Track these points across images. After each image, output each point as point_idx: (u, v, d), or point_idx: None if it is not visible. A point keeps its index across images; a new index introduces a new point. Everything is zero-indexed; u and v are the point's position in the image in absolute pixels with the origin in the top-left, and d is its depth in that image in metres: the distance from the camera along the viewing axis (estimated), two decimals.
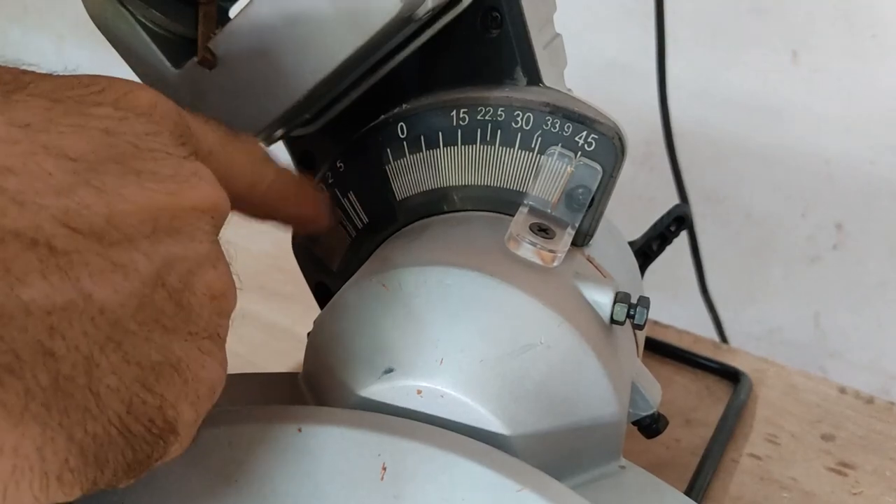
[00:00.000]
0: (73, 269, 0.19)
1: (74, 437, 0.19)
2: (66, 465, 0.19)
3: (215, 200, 0.23)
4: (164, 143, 0.22)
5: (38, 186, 0.19)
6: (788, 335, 0.93)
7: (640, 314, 0.31)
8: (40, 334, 0.18)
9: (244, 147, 0.28)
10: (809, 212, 0.87)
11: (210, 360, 0.23)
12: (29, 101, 0.20)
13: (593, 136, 0.32)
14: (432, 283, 0.30)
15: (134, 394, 0.20)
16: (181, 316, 0.21)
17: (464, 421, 0.28)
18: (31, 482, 0.18)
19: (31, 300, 0.18)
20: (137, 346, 0.20)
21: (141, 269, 0.20)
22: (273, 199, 0.31)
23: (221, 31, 0.33)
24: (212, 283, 0.23)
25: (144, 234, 0.20)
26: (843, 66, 0.79)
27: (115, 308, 0.19)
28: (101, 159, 0.20)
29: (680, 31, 0.77)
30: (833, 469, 0.44)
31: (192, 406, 0.22)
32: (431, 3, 0.31)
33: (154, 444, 0.21)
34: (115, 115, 0.22)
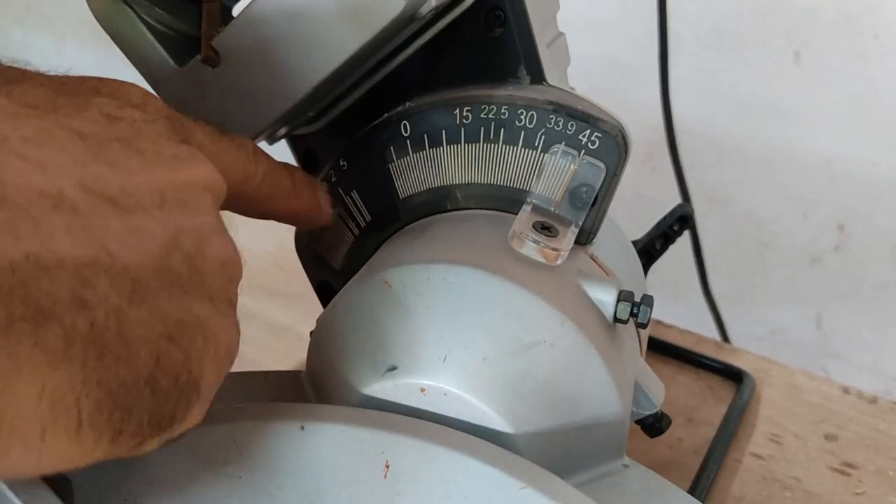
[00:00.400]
0: (96, 230, 0.20)
1: (108, 383, 0.20)
2: (98, 410, 0.20)
3: (213, 178, 0.25)
4: (161, 130, 0.24)
5: (56, 156, 0.20)
6: (790, 336, 0.93)
7: (644, 313, 0.31)
8: (74, 285, 0.19)
9: (233, 143, 0.29)
10: (811, 212, 0.87)
11: (227, 322, 0.24)
12: (34, 89, 0.22)
13: (597, 135, 0.32)
14: (436, 281, 0.30)
15: (161, 347, 0.21)
16: (196, 279, 0.23)
17: (467, 419, 0.28)
18: (67, 425, 0.19)
19: (62, 253, 0.19)
20: (161, 304, 0.21)
21: (156, 234, 0.22)
22: (266, 194, 0.31)
23: (225, 29, 0.33)
24: (219, 251, 0.24)
25: (155, 204, 0.22)
26: (845, 66, 0.78)
27: (136, 267, 0.21)
28: (108, 138, 0.22)
29: (682, 31, 0.78)
30: (836, 469, 0.44)
31: (213, 365, 0.23)
32: (435, 2, 0.31)
33: (177, 401, 0.22)
34: (113, 104, 0.23)
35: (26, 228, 0.19)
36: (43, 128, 0.21)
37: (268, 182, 0.31)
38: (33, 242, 0.19)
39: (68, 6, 1.16)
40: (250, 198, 0.31)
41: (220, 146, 0.28)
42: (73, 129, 0.21)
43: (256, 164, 0.30)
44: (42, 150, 0.20)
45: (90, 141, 0.21)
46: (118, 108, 0.23)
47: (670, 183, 0.78)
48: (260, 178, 0.30)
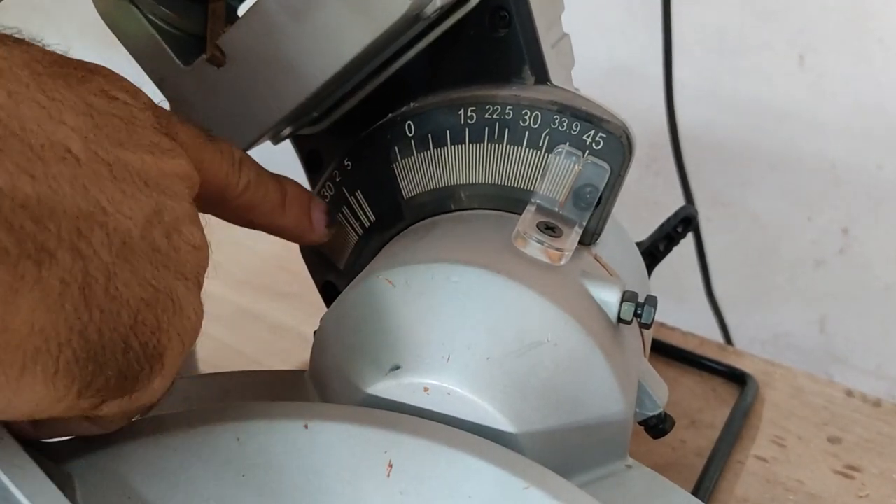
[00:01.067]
0: (94, 187, 0.21)
1: (89, 335, 0.21)
2: (74, 358, 0.21)
3: (190, 173, 0.26)
4: (149, 119, 0.25)
5: (65, 114, 0.21)
6: (794, 339, 0.92)
7: (648, 313, 0.31)
8: (72, 232, 0.20)
9: (218, 149, 0.30)
10: (815, 216, 0.87)
11: (196, 301, 0.25)
12: (43, 54, 0.23)
13: (601, 135, 0.32)
14: (439, 281, 0.30)
15: (139, 310, 0.22)
16: (173, 256, 0.24)
17: (470, 418, 0.28)
18: (45, 367, 0.20)
19: (65, 201, 0.20)
20: (143, 270, 0.23)
21: (142, 204, 0.23)
22: (249, 204, 0.31)
23: (230, 28, 0.33)
24: (193, 236, 0.25)
25: (143, 180, 0.23)
26: (850, 69, 0.78)
27: (124, 231, 0.22)
28: (108, 112, 0.23)
29: (687, 34, 0.78)
30: (839, 472, 0.44)
31: (179, 338, 0.24)
32: (440, 2, 0.31)
33: (143, 367, 0.23)
34: (110, 86, 0.24)
35: (39, 171, 0.20)
36: (55, 87, 0.22)
37: (252, 193, 0.31)
38: (44, 185, 0.20)
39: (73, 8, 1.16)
40: (232, 206, 0.31)
41: (202, 151, 0.29)
42: (80, 95, 0.23)
43: (240, 173, 0.30)
44: (55, 105, 0.21)
45: (94, 111, 0.23)
46: (114, 90, 0.24)
47: (674, 186, 0.78)
48: (242, 188, 0.31)
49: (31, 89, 0.21)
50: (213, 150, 0.29)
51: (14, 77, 0.21)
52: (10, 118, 0.20)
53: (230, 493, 0.27)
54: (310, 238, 0.35)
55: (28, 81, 0.21)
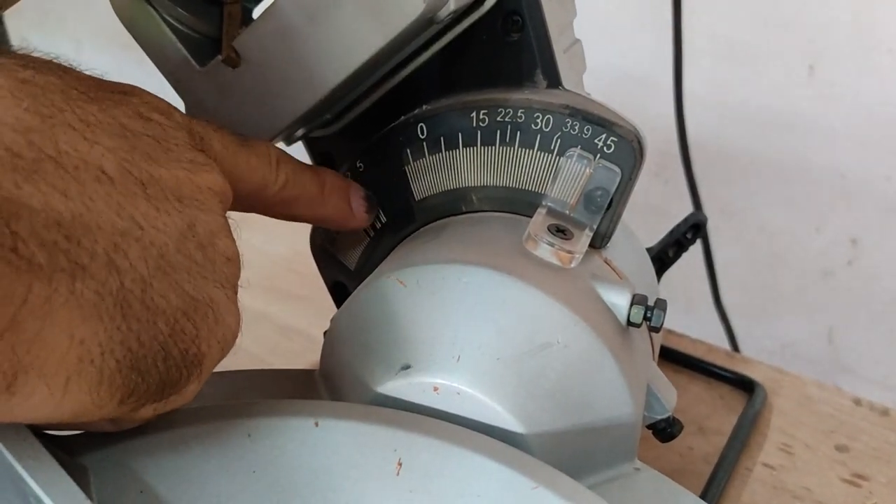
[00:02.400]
0: (129, 204, 0.22)
1: (129, 345, 0.22)
2: (117, 368, 0.22)
3: (223, 187, 0.27)
4: (180, 139, 0.26)
5: (99, 136, 0.22)
6: (802, 350, 0.92)
7: (657, 316, 0.31)
8: (108, 248, 0.21)
9: (253, 151, 0.30)
10: (824, 226, 0.87)
11: (233, 309, 0.26)
12: (80, 79, 0.24)
13: (612, 139, 0.32)
14: (450, 281, 0.30)
15: (177, 319, 0.23)
16: (208, 266, 0.25)
17: (480, 418, 0.28)
18: (90, 377, 0.21)
19: (100, 219, 0.21)
20: (180, 280, 0.24)
21: (176, 220, 0.24)
22: (288, 199, 0.32)
23: (245, 30, 0.33)
24: (226, 248, 0.26)
25: (176, 196, 0.24)
26: (860, 80, 0.78)
27: (160, 245, 0.23)
28: (141, 132, 0.24)
29: (697, 43, 0.78)
30: (847, 480, 0.44)
31: (217, 344, 0.25)
32: (454, 6, 0.32)
33: (181, 372, 0.24)
34: (144, 107, 0.25)
35: (73, 191, 0.21)
36: (89, 110, 0.23)
37: (290, 189, 0.32)
38: (78, 204, 0.21)
39: (86, 11, 1.17)
40: (271, 203, 0.32)
41: (237, 157, 0.29)
42: (114, 117, 0.24)
43: (277, 171, 0.31)
44: (90, 128, 0.22)
45: (127, 131, 0.24)
46: (148, 111, 0.25)
47: (683, 195, 0.78)
48: (280, 186, 0.31)
49: (66, 113, 0.22)
50: (249, 153, 0.30)
51: (48, 102, 0.22)
52: (45, 140, 0.21)
53: (240, 489, 0.27)
54: (352, 224, 0.36)
55: (62, 106, 0.22)
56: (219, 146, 0.29)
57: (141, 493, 0.26)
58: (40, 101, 0.21)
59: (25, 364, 0.19)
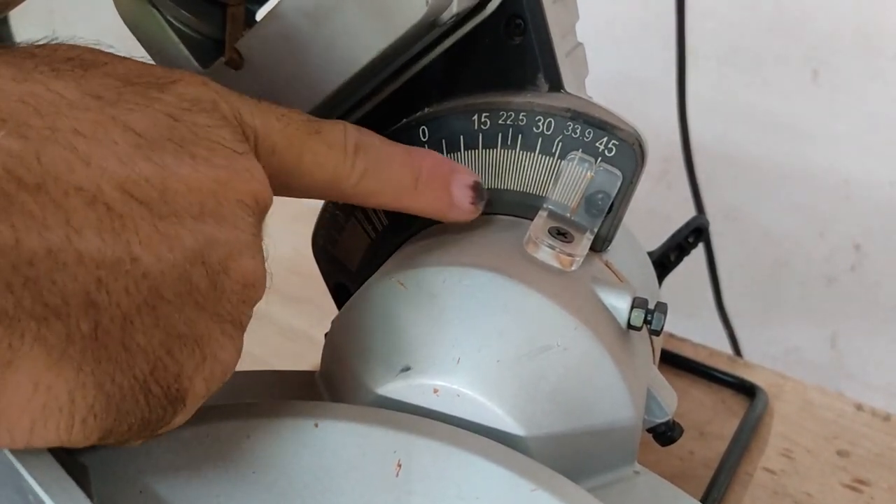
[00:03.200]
0: (125, 232, 0.20)
1: (103, 386, 0.20)
2: (91, 411, 0.20)
3: (260, 196, 0.24)
4: (222, 137, 0.23)
5: (103, 152, 0.20)
6: (804, 355, 0.92)
7: (658, 320, 0.31)
8: (88, 285, 0.19)
9: (324, 139, 0.27)
10: (828, 232, 0.87)
11: (229, 344, 0.24)
12: (103, 79, 0.22)
13: (614, 142, 0.32)
14: (451, 284, 0.30)
15: (159, 357, 0.21)
16: (212, 297, 0.22)
17: (479, 421, 0.28)
18: (58, 421, 0.20)
19: (84, 251, 0.19)
20: (169, 315, 0.21)
21: (185, 244, 0.21)
22: (369, 192, 0.29)
23: (248, 32, 0.33)
24: (247, 272, 0.23)
25: (192, 214, 0.22)
26: (864, 86, 0.79)
27: (156, 275, 0.21)
28: (162, 138, 0.22)
29: (700, 48, 0.78)
30: (848, 485, 0.44)
31: (204, 382, 0.23)
32: (456, 8, 0.32)
33: (165, 409, 0.22)
34: (179, 104, 0.23)
35: (56, 221, 0.19)
36: (97, 121, 0.21)
37: (370, 182, 0.28)
38: (59, 236, 0.19)
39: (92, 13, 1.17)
40: (347, 196, 0.29)
41: (302, 149, 0.27)
42: (129, 124, 0.21)
43: (354, 162, 0.28)
44: (90, 145, 0.20)
45: (143, 140, 0.21)
46: (182, 109, 0.23)
47: (686, 200, 0.78)
48: (357, 177, 0.28)
49: (60, 133, 0.20)
50: (318, 142, 0.27)
51: (36, 122, 0.19)
52: (27, 168, 0.19)
53: (240, 490, 0.27)
54: (452, 217, 0.31)
55: (59, 123, 0.20)
56: (279, 138, 0.26)
57: (140, 493, 0.26)
58: (30, 122, 0.19)
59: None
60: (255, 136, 0.25)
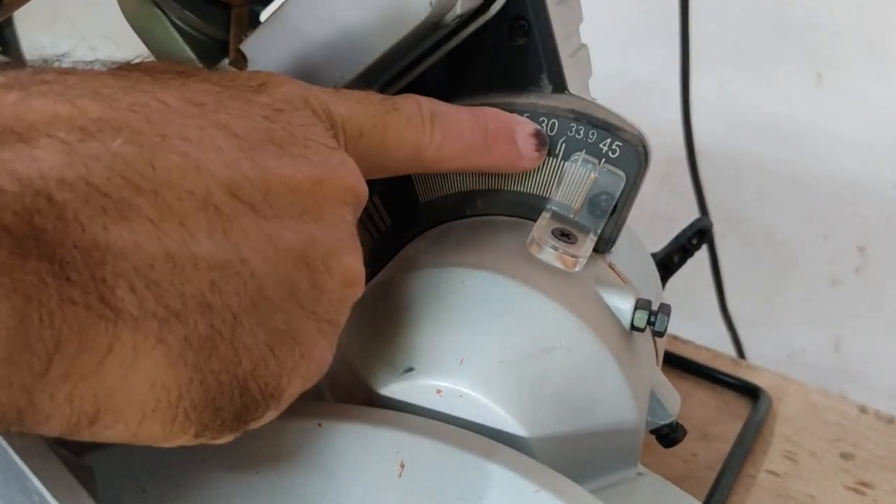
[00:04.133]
0: (234, 234, 0.21)
1: (208, 385, 0.21)
2: (193, 407, 0.21)
3: (357, 190, 0.25)
4: (316, 134, 0.24)
5: (210, 157, 0.21)
6: (808, 358, 0.92)
7: (661, 321, 0.31)
8: (203, 287, 0.20)
9: (402, 114, 0.28)
10: (831, 234, 0.87)
11: (324, 343, 0.24)
12: (203, 85, 0.23)
13: (617, 144, 0.32)
14: (454, 285, 0.30)
15: (261, 356, 0.22)
16: (313, 296, 0.23)
17: (482, 422, 0.28)
18: (164, 416, 0.20)
19: (199, 254, 0.20)
20: (272, 316, 0.22)
21: (290, 245, 0.22)
22: (447, 157, 0.30)
23: (253, 33, 0.34)
24: (347, 270, 0.24)
25: (293, 214, 0.22)
26: (868, 88, 0.78)
27: (263, 276, 0.21)
28: (262, 141, 0.22)
29: (704, 50, 0.78)
30: (851, 488, 0.44)
31: (301, 380, 0.24)
32: (460, 10, 0.32)
33: (259, 406, 0.23)
34: (273, 105, 0.24)
35: (170, 226, 0.19)
36: (202, 127, 0.21)
37: (448, 146, 0.29)
38: (174, 241, 0.19)
39: (97, 14, 1.18)
40: (428, 164, 0.30)
41: (386, 128, 0.28)
42: (231, 129, 0.22)
43: (432, 132, 0.29)
44: (199, 150, 0.21)
45: (245, 143, 0.22)
46: (276, 110, 0.24)
47: (690, 202, 0.78)
48: (437, 145, 0.29)
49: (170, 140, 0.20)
50: (398, 118, 0.28)
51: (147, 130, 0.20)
52: (142, 175, 0.19)
53: (243, 489, 0.27)
54: (521, 167, 0.32)
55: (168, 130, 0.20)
56: (364, 122, 0.27)
57: (144, 493, 0.26)
58: (141, 130, 0.20)
59: (105, 405, 0.19)
60: (343, 125, 0.26)
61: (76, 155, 0.18)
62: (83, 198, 0.18)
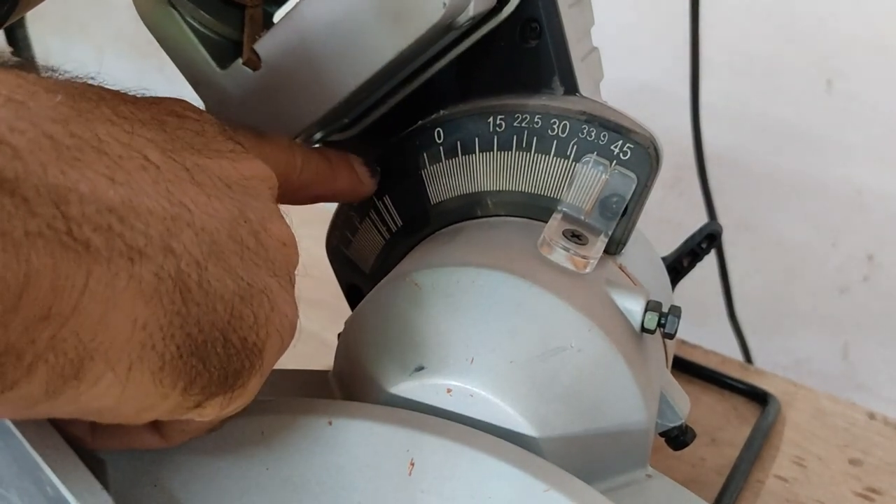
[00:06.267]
0: (178, 190, 0.22)
1: (189, 329, 0.22)
2: (178, 353, 0.22)
3: (268, 174, 0.27)
4: (219, 132, 0.26)
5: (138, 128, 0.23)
6: (816, 365, 0.92)
7: (671, 323, 0.31)
8: (162, 231, 0.21)
9: (272, 142, 0.31)
10: (840, 242, 0.87)
11: (289, 298, 0.26)
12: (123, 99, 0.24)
13: (629, 146, 0.32)
14: (465, 284, 0.30)
15: (235, 305, 0.23)
16: (262, 253, 0.25)
17: (492, 421, 0.28)
18: (151, 363, 0.21)
19: (149, 206, 0.21)
20: (234, 266, 0.23)
21: (227, 205, 0.24)
22: (308, 181, 0.33)
23: (266, 33, 0.34)
24: (281, 232, 0.26)
25: (222, 187, 0.24)
26: (878, 95, 0.78)
27: (212, 230, 0.23)
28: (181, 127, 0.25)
29: (714, 56, 0.78)
30: (860, 494, 0.44)
31: (277, 333, 0.25)
32: (472, 12, 0.32)
33: (243, 362, 0.24)
34: (177, 107, 0.26)
35: (120, 177, 0.21)
36: (125, 107, 0.23)
37: (307, 170, 0.33)
38: (127, 190, 0.21)
39: (107, 18, 1.18)
40: (295, 188, 0.32)
41: (261, 147, 0.30)
42: (151, 114, 0.24)
43: (294, 156, 0.32)
44: (128, 121, 0.22)
45: (166, 126, 0.24)
46: (181, 111, 0.26)
47: (698, 208, 0.78)
48: (300, 169, 0.32)
49: (102, 108, 0.22)
50: (270, 144, 0.31)
51: (83, 98, 0.21)
52: (84, 131, 0.20)
53: (254, 485, 0.27)
54: (363, 192, 0.36)
55: (97, 102, 0.22)
56: (243, 139, 0.29)
57: (155, 487, 0.26)
58: (75, 97, 0.21)
59: (91, 350, 0.20)
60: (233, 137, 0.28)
61: (23, 109, 0.19)
62: (36, 143, 0.19)
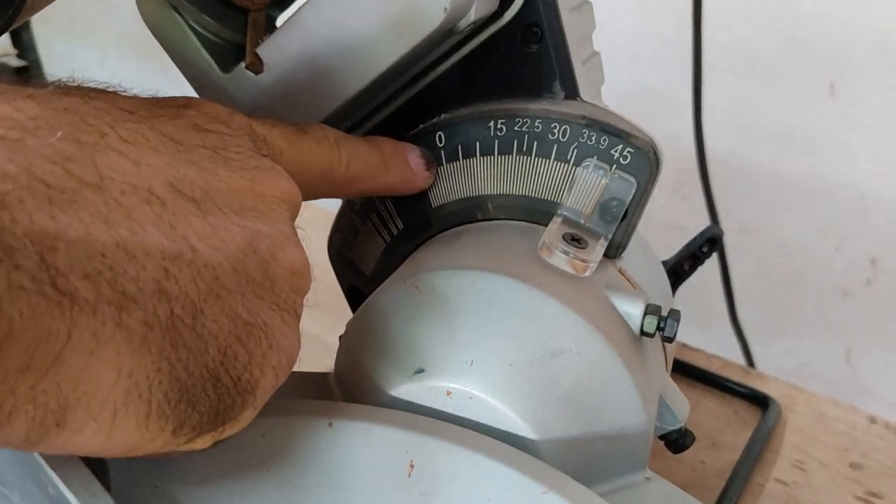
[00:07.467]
0: (181, 226, 0.21)
1: (178, 375, 0.21)
2: (166, 400, 0.21)
3: (291, 191, 0.26)
4: (245, 143, 0.26)
5: (148, 156, 0.22)
6: (818, 369, 0.92)
7: (671, 326, 0.31)
8: (158, 274, 0.20)
9: (313, 137, 0.30)
10: (843, 246, 0.87)
11: (290, 332, 0.25)
12: (128, 99, 0.24)
13: (629, 150, 0.33)
14: (465, 287, 0.30)
15: (229, 345, 0.22)
16: (267, 286, 0.24)
17: (492, 423, 0.29)
18: (137, 410, 0.20)
19: (149, 244, 0.20)
20: (233, 304, 0.22)
21: (235, 237, 0.23)
22: (355, 176, 0.32)
23: (269, 37, 0.34)
24: (293, 260, 0.25)
25: (234, 209, 0.23)
26: (881, 99, 0.78)
27: (215, 265, 0.22)
28: (197, 145, 0.24)
29: (717, 60, 0.78)
30: (861, 498, 0.44)
31: (273, 371, 0.24)
32: (474, 16, 0.32)
33: (235, 400, 0.23)
34: (202, 118, 0.25)
35: (118, 217, 0.20)
36: (138, 130, 0.22)
37: (354, 166, 0.32)
38: (124, 230, 0.20)
39: (112, 20, 1.19)
40: (340, 183, 0.32)
41: (300, 146, 0.29)
42: (166, 133, 0.23)
43: (340, 151, 0.31)
44: (137, 149, 0.21)
45: (181, 146, 0.23)
46: (206, 121, 0.25)
47: (701, 212, 0.78)
48: (346, 164, 0.31)
49: (109, 137, 0.21)
50: (310, 139, 0.30)
51: (89, 128, 0.21)
52: (84, 168, 0.20)
53: (253, 487, 0.27)
54: (418, 185, 0.35)
55: (105, 130, 0.21)
56: (282, 141, 0.28)
57: (156, 489, 0.26)
58: (80, 129, 0.21)
59: (72, 400, 0.19)
60: (265, 141, 0.27)
61: (16, 149, 0.19)
62: (27, 188, 0.18)
